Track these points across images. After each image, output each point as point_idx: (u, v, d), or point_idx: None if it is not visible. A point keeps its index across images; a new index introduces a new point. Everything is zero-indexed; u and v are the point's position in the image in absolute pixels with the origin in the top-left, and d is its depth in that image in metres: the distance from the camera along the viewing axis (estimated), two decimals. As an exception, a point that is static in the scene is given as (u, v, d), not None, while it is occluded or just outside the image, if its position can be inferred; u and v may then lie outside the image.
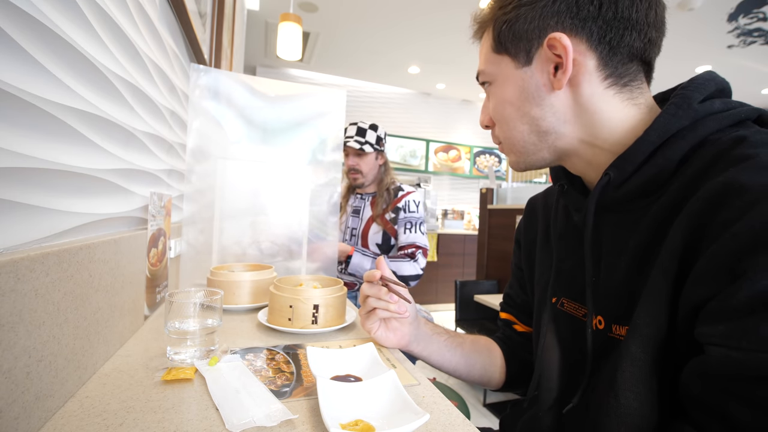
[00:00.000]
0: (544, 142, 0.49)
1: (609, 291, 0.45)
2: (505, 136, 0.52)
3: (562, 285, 0.55)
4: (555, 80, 0.45)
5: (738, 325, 0.30)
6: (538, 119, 0.48)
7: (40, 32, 0.38)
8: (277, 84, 1.02)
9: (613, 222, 0.46)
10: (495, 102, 0.51)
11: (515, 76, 0.48)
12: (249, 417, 0.40)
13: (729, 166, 0.35)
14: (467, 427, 0.42)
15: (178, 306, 0.54)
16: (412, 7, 3.12)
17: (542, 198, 0.68)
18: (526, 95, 0.48)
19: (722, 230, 0.32)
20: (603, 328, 0.45)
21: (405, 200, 1.59)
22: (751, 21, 3.02)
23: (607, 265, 0.46)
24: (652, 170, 0.41)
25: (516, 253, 0.72)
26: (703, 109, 0.41)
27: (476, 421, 1.89)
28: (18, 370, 0.33)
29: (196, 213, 0.93)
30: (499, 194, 2.78)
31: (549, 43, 0.44)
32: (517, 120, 0.49)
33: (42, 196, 0.40)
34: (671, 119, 0.41)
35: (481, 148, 5.60)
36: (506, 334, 0.72)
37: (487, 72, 0.51)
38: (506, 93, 0.49)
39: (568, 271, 0.54)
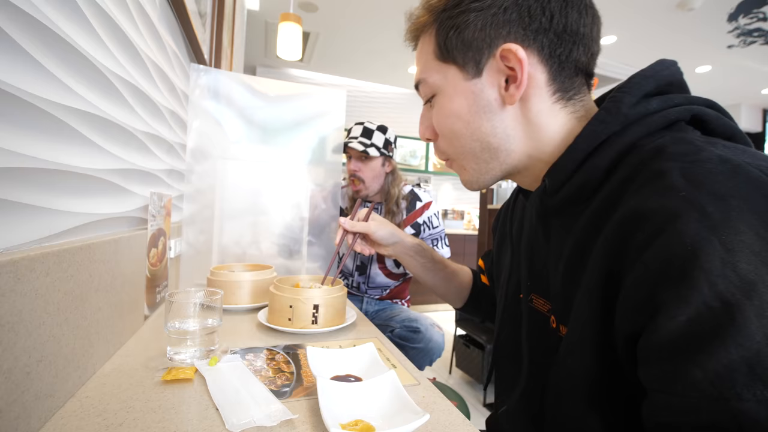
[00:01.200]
0: (495, 159, 0.46)
1: (555, 292, 0.45)
2: (455, 152, 0.48)
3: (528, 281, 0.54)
4: (507, 95, 0.43)
5: (669, 367, 0.29)
6: (488, 135, 0.45)
7: (40, 32, 0.38)
8: (277, 84, 1.02)
9: (558, 225, 0.46)
10: (441, 115, 0.47)
11: (464, 88, 0.45)
12: (249, 417, 0.40)
13: (643, 185, 0.34)
14: (467, 427, 0.42)
15: (178, 306, 0.54)
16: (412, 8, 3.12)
17: None
18: (476, 109, 0.44)
19: (635, 259, 0.31)
20: (555, 327, 0.45)
21: (427, 216, 1.46)
22: (751, 21, 3.01)
23: (551, 267, 0.46)
24: (581, 179, 0.40)
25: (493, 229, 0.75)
26: (634, 112, 0.38)
27: (476, 421, 1.89)
28: (18, 370, 0.33)
29: (196, 213, 0.93)
30: (499, 194, 2.78)
31: (502, 54, 0.42)
32: (468, 136, 0.46)
33: (42, 196, 0.40)
34: (599, 126, 0.40)
35: (481, 148, 5.60)
36: (475, 277, 0.82)
37: (430, 82, 0.47)
38: (454, 106, 0.45)
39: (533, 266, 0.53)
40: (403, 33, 0.53)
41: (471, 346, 2.21)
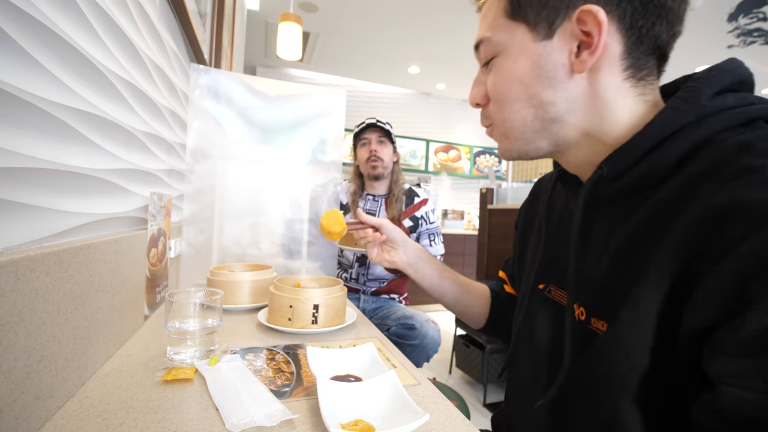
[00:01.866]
0: (546, 130, 0.43)
1: (591, 284, 0.43)
2: (502, 117, 0.45)
3: (550, 272, 0.53)
4: (577, 62, 0.40)
5: (751, 363, 0.28)
6: (547, 104, 0.42)
7: (40, 32, 0.38)
8: (277, 84, 1.02)
9: (605, 216, 0.44)
10: (500, 77, 0.44)
11: (531, 49, 0.42)
12: (249, 417, 0.40)
13: (733, 179, 0.32)
14: (467, 427, 0.42)
15: (178, 306, 0.54)
16: (412, 7, 3.12)
17: (548, 179, 0.66)
18: (540, 74, 0.42)
19: (726, 251, 0.30)
20: (584, 319, 0.43)
21: (424, 211, 1.58)
22: (751, 21, 3.01)
23: (592, 258, 0.43)
24: (647, 168, 0.39)
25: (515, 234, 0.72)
26: (712, 105, 0.37)
27: (476, 421, 1.89)
28: (18, 370, 0.33)
29: (196, 213, 0.93)
30: (499, 194, 2.78)
31: (579, 17, 0.39)
32: (524, 101, 0.43)
33: (42, 196, 0.40)
34: (674, 114, 0.38)
35: (481, 148, 5.60)
36: (497, 290, 0.76)
37: (494, 41, 0.44)
38: (517, 68, 0.42)
39: (560, 258, 0.52)
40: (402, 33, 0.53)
41: (471, 346, 2.21)
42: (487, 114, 0.48)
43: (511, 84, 0.43)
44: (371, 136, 1.55)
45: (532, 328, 0.53)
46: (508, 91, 0.44)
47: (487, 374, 2.05)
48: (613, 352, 0.37)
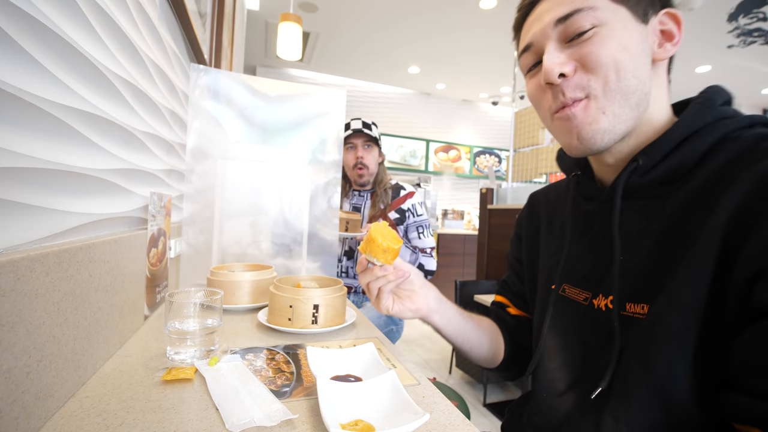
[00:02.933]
0: (638, 108, 0.46)
1: (626, 271, 0.46)
2: (605, 87, 0.45)
3: (564, 272, 0.56)
4: (660, 50, 0.47)
5: None
6: (646, 77, 0.46)
7: (40, 32, 0.38)
8: (277, 84, 1.02)
9: (633, 208, 0.48)
10: (607, 43, 0.44)
11: (634, 27, 0.45)
12: (249, 417, 0.40)
13: (765, 156, 0.38)
14: (467, 427, 0.42)
15: (178, 306, 0.54)
16: (412, 7, 3.12)
17: (544, 194, 0.70)
18: (642, 49, 0.45)
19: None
20: (613, 308, 0.46)
21: (410, 204, 1.61)
22: (751, 21, 3.01)
23: (626, 247, 0.47)
24: (679, 159, 0.44)
25: (515, 246, 0.73)
26: (722, 111, 0.45)
27: (476, 421, 1.89)
28: (18, 370, 0.33)
29: (196, 213, 0.93)
30: (499, 194, 2.78)
31: (662, 18, 0.46)
32: (631, 71, 0.44)
33: (42, 196, 0.40)
34: (698, 116, 0.45)
35: (481, 148, 5.60)
36: (500, 316, 0.73)
37: (599, 14, 0.44)
38: (625, 38, 0.44)
39: (572, 258, 0.55)
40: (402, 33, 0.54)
41: (471, 346, 2.20)
42: (581, 84, 0.46)
43: (621, 50, 0.44)
44: (357, 141, 1.58)
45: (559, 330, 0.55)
46: (620, 57, 0.44)
47: (487, 374, 2.05)
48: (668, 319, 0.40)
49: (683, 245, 0.41)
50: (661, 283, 0.42)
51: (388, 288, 0.59)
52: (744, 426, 0.36)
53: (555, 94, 0.48)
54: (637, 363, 0.42)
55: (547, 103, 0.50)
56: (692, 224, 0.41)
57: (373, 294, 0.60)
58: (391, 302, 0.60)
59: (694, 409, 0.40)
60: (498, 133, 5.77)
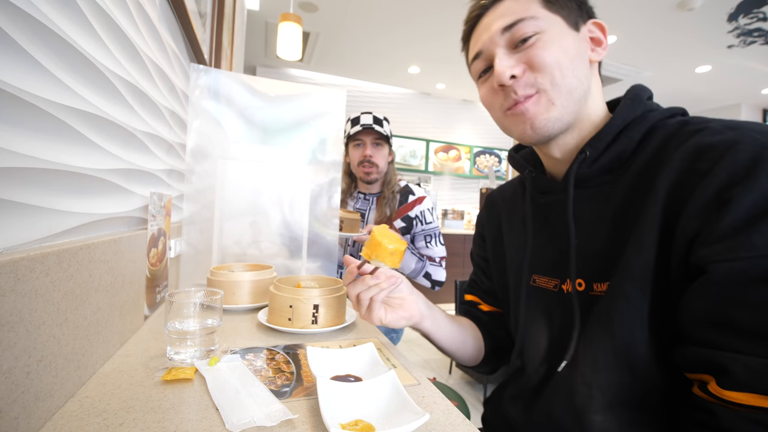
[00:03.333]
0: (579, 103, 0.52)
1: (588, 254, 0.51)
2: (552, 83, 0.50)
3: (532, 263, 0.60)
4: (593, 54, 0.53)
5: (733, 240, 0.37)
6: (584, 78, 0.52)
7: (40, 32, 0.38)
8: (277, 84, 1.02)
9: (585, 196, 0.53)
10: (551, 47, 0.50)
11: (570, 34, 0.51)
12: (249, 417, 0.40)
13: (689, 138, 0.44)
14: (467, 427, 0.42)
15: (178, 306, 0.54)
16: (412, 7, 3.12)
17: (498, 194, 0.75)
18: (578, 53, 0.52)
19: (703, 176, 0.40)
20: (584, 289, 0.51)
21: (419, 210, 1.46)
22: (751, 21, 3.01)
23: (584, 232, 0.52)
24: (618, 149, 0.51)
25: (479, 245, 0.78)
26: (649, 105, 0.53)
27: (476, 421, 1.89)
28: (18, 370, 0.33)
29: (196, 213, 0.93)
30: (499, 194, 2.78)
31: (590, 27, 0.53)
32: (570, 70, 0.50)
33: (42, 196, 0.40)
34: (630, 110, 0.52)
35: (481, 148, 5.60)
36: (473, 314, 0.76)
37: (539, 22, 0.51)
38: (564, 43, 0.51)
39: (536, 250, 0.60)
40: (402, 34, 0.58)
41: (471, 346, 2.21)
42: (530, 81, 0.51)
43: (561, 53, 0.50)
44: (366, 138, 1.44)
45: (534, 319, 0.59)
46: (561, 58, 0.50)
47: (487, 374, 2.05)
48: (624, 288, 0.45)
49: (631, 223, 0.47)
50: (618, 261, 0.47)
51: (380, 297, 0.56)
52: (694, 374, 0.41)
53: (507, 93, 0.53)
54: (600, 331, 0.48)
55: (498, 102, 0.55)
56: (636, 204, 0.47)
57: (363, 306, 0.57)
58: (383, 312, 0.58)
59: (655, 367, 0.45)
60: (498, 133, 5.76)
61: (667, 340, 0.44)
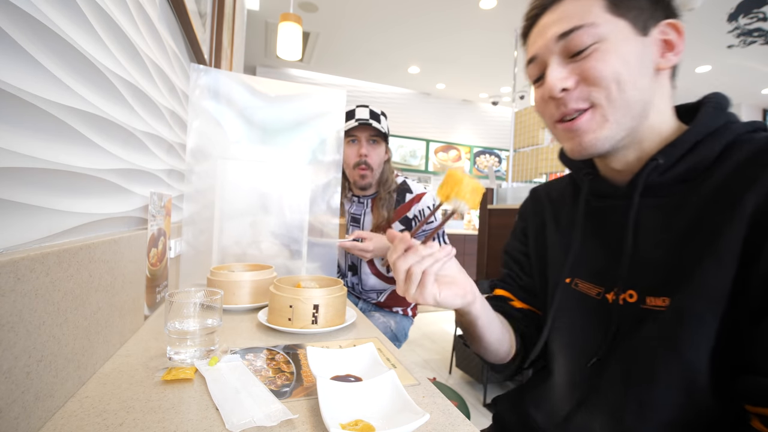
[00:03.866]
0: (637, 119, 0.48)
1: (646, 266, 0.48)
2: (607, 98, 0.47)
3: (576, 267, 0.57)
4: (663, 60, 0.48)
5: None
6: (646, 91, 0.48)
7: (40, 32, 0.38)
8: (277, 84, 1.02)
9: (652, 205, 0.50)
10: (607, 58, 0.46)
11: (635, 41, 0.47)
12: (249, 417, 0.40)
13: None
14: (467, 427, 0.42)
15: (178, 306, 0.54)
16: (412, 7, 3.12)
17: (544, 190, 0.71)
18: (642, 63, 0.47)
19: None
20: (635, 300, 0.48)
21: (418, 209, 1.33)
22: (751, 21, 3.01)
23: (644, 243, 0.49)
24: (696, 158, 0.47)
25: (521, 240, 0.71)
26: (730, 116, 0.49)
27: (476, 421, 1.89)
28: (18, 370, 0.33)
29: (196, 213, 0.93)
30: (499, 194, 2.78)
31: (662, 29, 0.48)
32: (631, 84, 0.46)
33: (42, 196, 0.40)
34: (711, 119, 0.48)
35: (481, 148, 5.60)
36: (504, 310, 0.68)
37: (600, 30, 0.46)
38: (625, 53, 0.46)
39: (583, 254, 0.57)
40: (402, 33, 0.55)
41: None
42: (583, 95, 0.48)
43: (621, 64, 0.46)
44: (361, 134, 1.31)
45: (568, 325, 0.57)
46: (617, 70, 0.46)
47: (487, 374, 2.05)
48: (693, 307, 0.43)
49: (708, 238, 0.43)
50: (686, 275, 0.44)
51: (435, 269, 0.48)
52: (758, 408, 0.38)
53: (557, 105, 0.50)
54: (661, 348, 0.45)
55: (549, 112, 0.52)
56: (715, 218, 0.43)
57: (415, 281, 0.48)
58: (437, 289, 0.49)
59: (714, 392, 0.42)
60: (498, 133, 5.77)
61: (731, 366, 0.42)
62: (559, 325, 0.58)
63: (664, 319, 0.45)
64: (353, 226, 1.38)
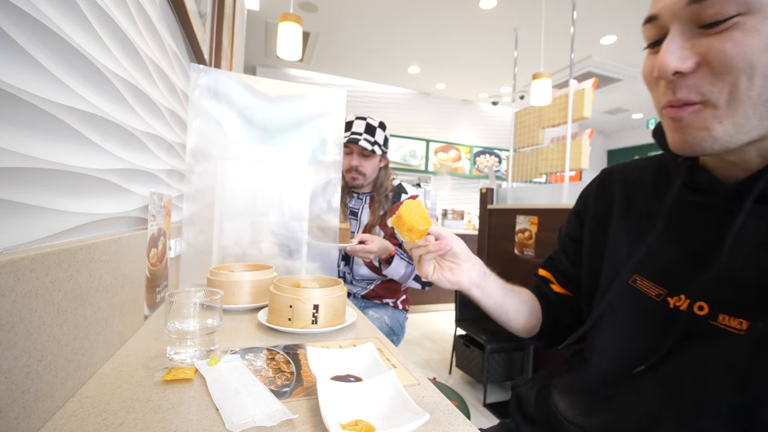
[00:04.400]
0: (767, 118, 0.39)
1: (728, 280, 0.42)
2: (731, 92, 0.37)
3: (640, 263, 0.52)
4: None
5: None
6: None
7: (40, 32, 0.38)
8: (277, 84, 1.02)
9: (755, 212, 0.42)
10: (748, 42, 0.36)
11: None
12: (249, 417, 0.40)
13: None
14: (467, 427, 0.42)
15: (178, 306, 0.54)
16: (412, 7, 3.12)
17: (620, 171, 0.63)
18: None
19: None
20: (705, 314, 0.43)
21: None
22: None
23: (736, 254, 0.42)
24: None
25: (573, 224, 0.68)
26: None
27: (476, 421, 1.89)
28: (18, 370, 0.33)
29: (196, 213, 0.93)
30: (499, 194, 2.78)
31: None
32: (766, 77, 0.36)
33: (42, 196, 0.40)
34: None
35: (481, 148, 5.60)
36: (542, 290, 0.70)
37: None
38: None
39: (654, 249, 0.51)
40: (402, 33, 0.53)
41: (471, 346, 2.21)
42: (698, 85, 0.39)
43: (763, 52, 0.36)
44: (354, 147, 1.40)
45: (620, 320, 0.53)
46: (762, 62, 0.36)
47: (487, 374, 2.05)
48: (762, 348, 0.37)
49: None
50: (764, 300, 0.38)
51: (428, 257, 0.60)
52: None
53: (667, 88, 0.41)
54: (727, 377, 0.40)
55: (659, 91, 0.43)
56: None
57: (415, 259, 0.62)
58: (431, 269, 0.60)
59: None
60: (498, 133, 5.77)
61: None
62: (606, 320, 0.54)
63: (738, 344, 0.39)
64: (351, 218, 1.48)
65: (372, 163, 1.42)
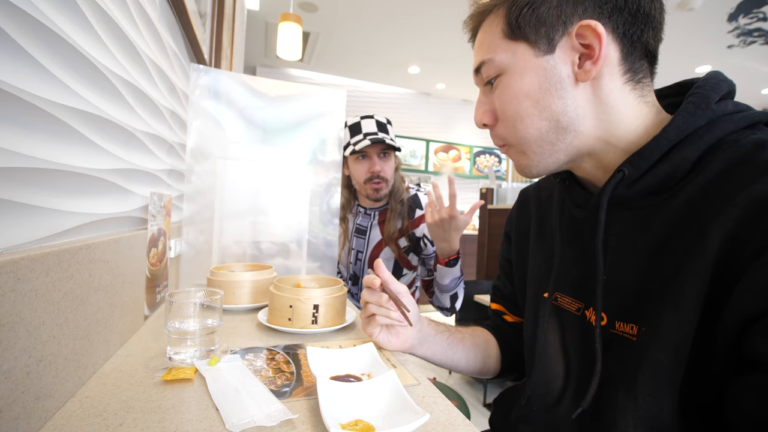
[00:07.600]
0: (561, 141, 0.45)
1: (614, 287, 0.44)
2: (517, 135, 0.46)
3: (556, 279, 0.54)
4: (581, 72, 0.43)
5: None
6: (559, 114, 0.44)
7: (40, 32, 0.38)
8: (277, 84, 1.02)
9: (622, 219, 0.45)
10: (507, 95, 0.45)
11: (535, 64, 0.44)
12: (249, 417, 0.40)
13: (760, 174, 0.35)
14: (467, 427, 0.42)
15: (178, 306, 0.54)
16: (412, 7, 3.12)
17: (534, 191, 0.67)
18: (548, 86, 0.44)
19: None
20: (605, 324, 0.45)
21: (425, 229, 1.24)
22: (751, 21, 3.01)
23: (613, 262, 0.45)
24: (668, 168, 0.41)
25: (505, 246, 0.72)
26: (719, 110, 0.40)
27: (476, 421, 1.89)
28: (18, 370, 0.33)
29: (196, 213, 0.93)
30: (499, 194, 2.78)
31: (578, 32, 0.42)
32: (536, 116, 0.44)
33: (42, 196, 0.40)
34: (690, 119, 0.40)
35: (481, 148, 5.60)
36: (497, 323, 0.73)
37: (497, 61, 0.46)
38: (524, 84, 0.44)
39: (564, 265, 0.53)
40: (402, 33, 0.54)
41: (471, 346, 2.20)
42: (498, 134, 0.49)
43: (520, 100, 0.45)
44: (372, 150, 1.23)
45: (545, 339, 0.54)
46: (519, 108, 0.45)
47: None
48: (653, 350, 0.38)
49: (671, 268, 0.39)
50: (650, 303, 0.40)
51: (383, 321, 0.61)
52: None
53: None
54: (624, 394, 0.41)
55: None
56: (681, 245, 0.38)
57: (366, 314, 0.62)
58: (377, 331, 0.62)
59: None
60: (498, 133, 5.77)
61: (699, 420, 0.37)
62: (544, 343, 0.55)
63: (627, 355, 0.41)
64: (358, 237, 1.33)
65: (391, 165, 1.26)
